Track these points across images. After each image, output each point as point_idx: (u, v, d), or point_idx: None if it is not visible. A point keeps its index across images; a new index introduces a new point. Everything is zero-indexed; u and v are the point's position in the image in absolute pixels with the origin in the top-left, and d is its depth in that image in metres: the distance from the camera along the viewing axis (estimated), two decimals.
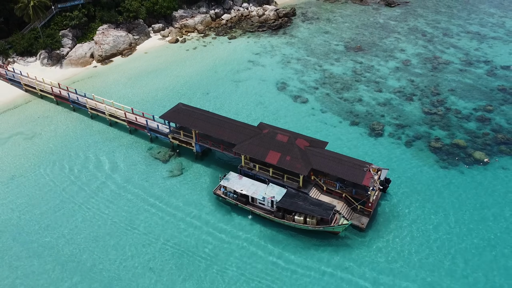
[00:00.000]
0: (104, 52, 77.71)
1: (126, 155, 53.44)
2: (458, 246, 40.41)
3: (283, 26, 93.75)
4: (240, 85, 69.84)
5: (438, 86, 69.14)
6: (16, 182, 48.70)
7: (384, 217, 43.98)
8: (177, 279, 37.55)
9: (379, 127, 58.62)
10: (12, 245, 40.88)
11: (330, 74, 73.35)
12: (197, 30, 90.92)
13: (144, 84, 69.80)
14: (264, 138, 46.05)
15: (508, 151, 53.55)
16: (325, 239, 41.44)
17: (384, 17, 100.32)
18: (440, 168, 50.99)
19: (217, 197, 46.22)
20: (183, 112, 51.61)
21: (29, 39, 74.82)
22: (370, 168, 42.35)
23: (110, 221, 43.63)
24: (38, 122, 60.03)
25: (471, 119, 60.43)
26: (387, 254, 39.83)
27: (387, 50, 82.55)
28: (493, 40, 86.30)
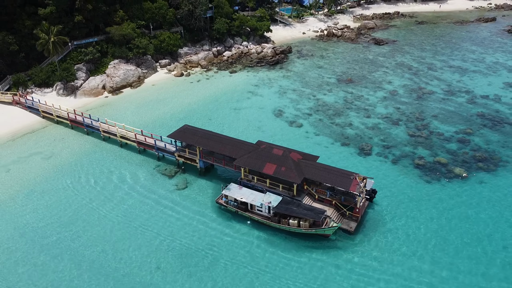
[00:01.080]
0: (115, 84, 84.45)
1: (136, 171, 58.43)
2: (435, 247, 44.63)
3: (280, 62, 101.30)
4: (240, 112, 75.90)
5: (422, 112, 75.16)
6: (36, 195, 53.42)
7: (371, 223, 48.35)
8: (181, 276, 41.48)
9: (368, 147, 63.93)
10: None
11: (323, 102, 79.62)
12: (200, 65, 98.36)
13: (152, 111, 75.84)
14: (261, 152, 51.29)
15: (485, 168, 58.56)
16: (317, 241, 45.62)
17: (373, 54, 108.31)
18: (423, 182, 55.81)
19: (219, 206, 50.77)
20: (188, 131, 57.21)
21: (47, 72, 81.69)
22: (356, 176, 47.28)
23: (118, 225, 47.99)
24: (55, 144, 65.41)
25: (452, 140, 65.86)
26: (373, 253, 43.90)
27: (375, 82, 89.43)
28: (474, 73, 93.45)
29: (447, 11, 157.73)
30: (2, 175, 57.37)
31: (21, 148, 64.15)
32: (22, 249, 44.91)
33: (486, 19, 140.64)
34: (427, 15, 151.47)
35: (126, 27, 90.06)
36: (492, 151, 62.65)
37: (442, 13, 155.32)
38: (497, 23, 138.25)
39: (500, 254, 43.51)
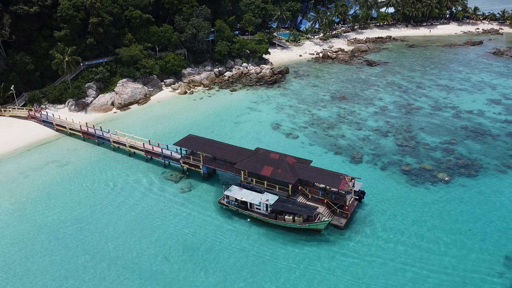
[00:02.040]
0: (123, 101, 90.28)
1: (144, 176, 63.30)
2: (418, 242, 49.11)
3: (277, 81, 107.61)
4: (240, 126, 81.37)
5: (410, 125, 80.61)
6: (53, 197, 58.22)
7: (360, 220, 52.88)
8: (187, 265, 45.83)
9: (359, 155, 69.01)
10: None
11: (318, 117, 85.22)
12: (203, 85, 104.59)
13: (158, 125, 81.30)
14: (259, 157, 56.37)
15: (466, 173, 63.44)
16: (310, 236, 50.02)
17: (365, 74, 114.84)
18: (409, 185, 60.57)
19: (221, 206, 55.42)
20: (193, 140, 62.53)
21: (59, 90, 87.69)
22: (345, 177, 52.19)
23: (130, 222, 52.54)
24: (68, 153, 70.51)
25: (437, 149, 70.99)
26: (362, 246, 48.25)
27: (367, 99, 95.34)
28: (460, 91, 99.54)
29: (437, 35, 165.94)
30: (21, 180, 62.24)
31: (37, 157, 69.24)
32: (40, 243, 49.20)
33: (473, 43, 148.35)
34: (417, 39, 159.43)
35: (134, 49, 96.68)
36: (474, 158, 67.66)
37: (432, 37, 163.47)
38: (483, 46, 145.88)
39: (477, 245, 47.97)
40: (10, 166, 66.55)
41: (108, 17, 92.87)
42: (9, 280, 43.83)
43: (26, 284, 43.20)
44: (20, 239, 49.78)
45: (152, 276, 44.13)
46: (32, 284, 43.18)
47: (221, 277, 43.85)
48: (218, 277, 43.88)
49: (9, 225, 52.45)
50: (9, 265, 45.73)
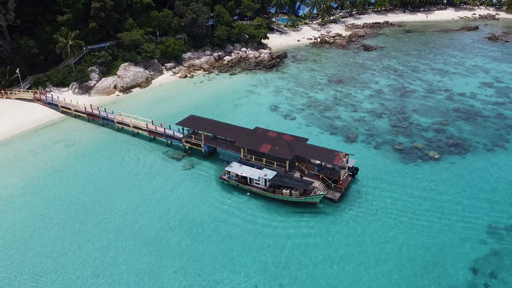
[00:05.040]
0: (125, 84, 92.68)
1: (148, 155, 66.23)
2: (408, 214, 52.32)
3: (276, 65, 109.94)
4: (239, 108, 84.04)
5: (404, 107, 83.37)
6: (62, 173, 61.16)
7: (353, 194, 55.96)
8: (190, 234, 49.00)
9: (353, 135, 71.90)
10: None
11: (315, 99, 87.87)
12: (202, 69, 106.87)
13: (159, 108, 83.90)
14: (258, 135, 59.22)
15: (456, 152, 66.43)
16: (306, 209, 53.15)
17: (362, 58, 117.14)
18: (401, 163, 63.58)
19: (223, 181, 58.46)
20: (194, 119, 65.31)
21: (63, 73, 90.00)
22: (340, 153, 55.13)
23: (136, 197, 55.62)
24: (74, 134, 73.26)
25: (429, 130, 73.87)
26: (355, 217, 51.40)
27: (363, 82, 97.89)
28: (454, 75, 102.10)
29: (434, 20, 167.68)
30: (30, 158, 65.12)
31: (45, 137, 72.02)
32: (51, 216, 52.18)
33: (469, 28, 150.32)
34: (414, 25, 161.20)
35: (135, 34, 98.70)
36: (464, 138, 70.60)
37: (429, 22, 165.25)
38: (479, 31, 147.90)
39: (464, 216, 51.19)
40: (19, 145, 69.35)
41: (110, 2, 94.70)
42: (21, 251, 46.89)
43: (38, 254, 46.31)
44: (32, 213, 52.75)
45: (157, 243, 47.29)
46: (44, 254, 46.29)
47: (222, 245, 46.98)
48: (219, 245, 47.03)
49: (20, 199, 55.40)
50: (22, 235, 48.75)
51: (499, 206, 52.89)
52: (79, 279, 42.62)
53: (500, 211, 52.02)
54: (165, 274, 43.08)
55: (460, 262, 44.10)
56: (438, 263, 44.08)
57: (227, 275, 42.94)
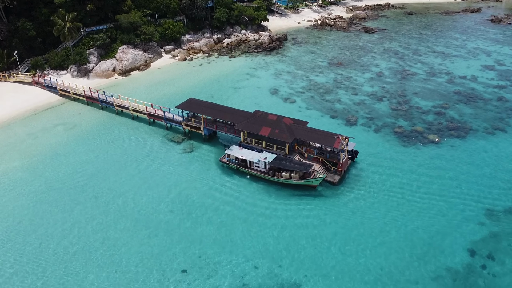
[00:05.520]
0: (124, 67, 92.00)
1: (148, 138, 66.23)
2: (407, 196, 52.57)
3: (276, 48, 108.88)
4: (239, 91, 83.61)
5: (404, 90, 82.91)
6: (63, 155, 61.32)
7: (352, 177, 56.10)
8: (190, 216, 49.35)
9: (354, 119, 71.71)
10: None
11: (315, 82, 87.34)
12: (202, 51, 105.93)
13: (159, 91, 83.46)
14: (258, 118, 59.05)
15: (456, 135, 66.31)
16: (306, 191, 53.35)
17: (363, 41, 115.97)
18: (401, 146, 63.55)
19: (222, 164, 58.56)
20: (194, 102, 65.03)
21: (61, 56, 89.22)
22: (339, 136, 55.06)
23: (135, 179, 55.78)
24: (74, 117, 73.05)
25: (430, 113, 73.60)
26: (354, 200, 51.66)
27: (364, 65, 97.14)
28: (455, 58, 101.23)
29: (436, 2, 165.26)
30: (31, 141, 65.13)
31: (44, 120, 71.85)
32: (52, 198, 52.48)
33: (472, 10, 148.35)
34: (416, 7, 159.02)
35: (134, 15, 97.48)
36: (464, 121, 70.42)
37: (431, 4, 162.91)
38: (482, 14, 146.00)
39: (462, 198, 51.46)
40: (19, 129, 69.24)
41: None
42: (23, 230, 47.24)
43: (39, 237, 46.67)
44: (32, 196, 52.96)
45: (157, 225, 47.65)
46: (45, 236, 46.64)
47: (221, 228, 47.36)
48: (219, 227, 47.39)
49: (22, 182, 55.61)
50: (23, 218, 49.07)
51: (498, 189, 53.11)
52: (79, 260, 43.07)
53: (499, 193, 52.26)
54: (165, 256, 43.53)
55: (458, 244, 44.50)
56: (436, 244, 44.48)
57: (227, 256, 43.38)
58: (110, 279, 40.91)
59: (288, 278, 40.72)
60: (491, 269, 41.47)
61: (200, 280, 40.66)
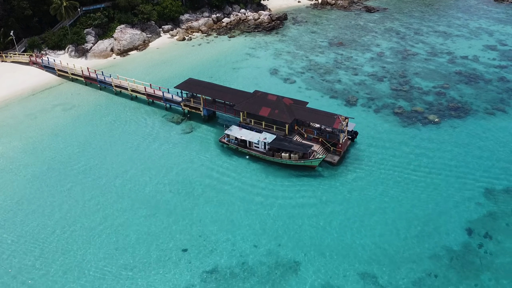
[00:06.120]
0: (122, 47, 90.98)
1: (147, 119, 65.97)
2: (406, 175, 52.70)
3: (275, 28, 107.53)
4: (239, 71, 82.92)
5: (405, 70, 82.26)
6: (62, 136, 61.21)
7: (352, 158, 56.16)
8: (190, 196, 49.57)
9: (354, 99, 71.35)
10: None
11: (315, 63, 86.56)
12: (201, 31, 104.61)
13: (158, 71, 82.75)
14: (257, 98, 58.70)
15: (456, 115, 66.14)
16: (305, 172, 53.46)
17: (364, 20, 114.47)
18: (401, 126, 63.42)
19: (222, 144, 58.52)
20: (193, 83, 64.53)
21: (59, 36, 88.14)
22: (339, 116, 54.85)
23: (135, 161, 55.85)
24: (72, 98, 72.60)
25: (430, 93, 73.21)
26: (353, 179, 51.83)
27: (364, 45, 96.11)
28: (457, 37, 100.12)
29: None
30: (30, 121, 64.94)
31: (43, 101, 71.44)
32: (52, 178, 52.59)
33: None
34: None
35: None
36: (465, 102, 70.11)
37: None
38: None
39: (461, 178, 51.65)
40: (17, 109, 68.92)
41: None
42: (22, 210, 47.52)
43: (40, 214, 47.00)
44: (32, 176, 53.07)
45: (157, 205, 47.91)
46: (45, 215, 46.96)
47: (221, 207, 47.64)
48: (219, 207, 47.68)
49: (21, 162, 55.65)
50: (22, 198, 49.26)
51: (497, 169, 53.27)
52: (80, 237, 43.47)
53: (497, 174, 52.43)
54: (164, 235, 43.90)
55: (455, 223, 44.88)
56: (434, 223, 44.84)
57: (227, 235, 43.76)
58: (109, 257, 41.33)
59: (287, 257, 41.16)
60: (488, 248, 41.90)
61: (200, 258, 41.11)
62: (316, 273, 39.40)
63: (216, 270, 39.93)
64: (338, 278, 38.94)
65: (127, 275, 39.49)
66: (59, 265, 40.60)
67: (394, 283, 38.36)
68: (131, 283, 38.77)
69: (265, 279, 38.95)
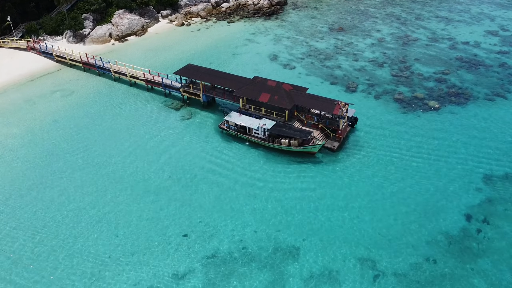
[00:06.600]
0: (121, 32, 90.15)
1: (146, 105, 65.74)
2: (406, 161, 52.81)
3: (275, 13, 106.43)
4: (238, 57, 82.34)
5: (406, 56, 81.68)
6: (61, 122, 61.15)
7: (352, 144, 56.15)
8: (189, 182, 49.71)
9: (354, 85, 71.01)
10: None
11: (315, 48, 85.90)
12: (200, 16, 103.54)
13: (156, 57, 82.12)
14: (257, 84, 58.42)
15: (456, 101, 65.93)
16: (305, 158, 53.51)
17: (365, 5, 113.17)
18: (400, 112, 63.27)
19: (222, 131, 58.44)
20: (192, 68, 64.16)
21: (56, 21, 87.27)
22: (339, 102, 54.66)
23: (134, 146, 55.84)
24: (71, 84, 72.21)
25: (431, 79, 72.84)
26: (353, 166, 51.90)
27: (365, 30, 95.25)
28: (458, 23, 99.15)
29: None
30: (28, 108, 64.72)
31: (41, 87, 71.10)
32: (51, 166, 52.57)
33: None
34: None
35: None
36: (465, 88, 69.80)
37: None
38: None
39: (461, 164, 51.77)
40: (16, 95, 68.62)
41: None
42: (21, 196, 47.73)
43: (40, 199, 47.18)
44: (32, 162, 53.16)
45: (157, 191, 48.10)
46: (46, 202, 47.16)
47: (221, 194, 47.84)
48: (219, 193, 47.87)
49: (21, 148, 55.67)
50: (22, 184, 49.43)
51: (496, 155, 53.36)
52: (80, 223, 43.74)
53: (497, 160, 52.55)
54: (164, 220, 44.19)
55: (454, 208, 45.16)
56: (433, 209, 45.11)
57: (227, 221, 44.04)
58: (109, 243, 41.62)
59: (287, 242, 41.49)
60: (486, 233, 42.23)
61: (200, 243, 41.44)
62: (315, 258, 39.75)
63: (216, 255, 40.27)
64: (337, 263, 39.30)
65: (127, 261, 39.81)
66: (60, 251, 40.93)
67: (393, 268, 38.74)
68: (131, 268, 39.11)
69: (265, 263, 39.31)
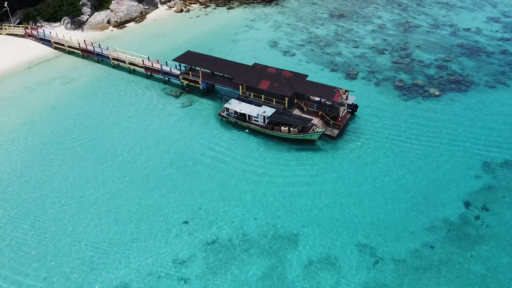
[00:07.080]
0: (119, 19, 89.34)
1: (145, 92, 65.46)
2: (406, 148, 52.84)
3: None
4: (238, 44, 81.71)
5: (407, 43, 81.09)
6: (60, 110, 60.96)
7: (352, 131, 56.09)
8: (189, 170, 49.78)
9: (354, 72, 70.65)
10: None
11: (315, 35, 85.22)
12: (199, 2, 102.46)
13: (155, 44, 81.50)
14: (257, 71, 58.09)
15: (457, 89, 65.66)
16: (304, 146, 53.48)
17: None
18: (401, 100, 63.06)
19: (221, 118, 58.31)
20: (191, 55, 63.71)
21: (54, 7, 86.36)
22: (339, 89, 54.43)
23: (134, 133, 55.78)
24: (70, 71, 71.79)
25: (431, 66, 72.43)
26: (353, 153, 51.91)
27: (366, 17, 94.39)
28: (460, 9, 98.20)
29: None
30: (27, 95, 64.47)
31: (40, 74, 70.68)
32: (51, 152, 52.65)
33: None
34: None
35: None
36: (466, 75, 69.46)
37: None
38: None
39: (460, 151, 51.80)
40: (14, 82, 68.26)
41: None
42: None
43: (40, 187, 47.28)
44: (32, 149, 53.15)
45: (157, 179, 48.20)
46: (44, 188, 47.27)
47: (221, 181, 47.94)
48: (218, 181, 47.98)
49: (20, 136, 55.58)
50: (23, 172, 49.52)
51: (496, 142, 53.35)
52: (81, 210, 43.93)
53: (497, 147, 52.55)
54: (165, 207, 44.37)
55: (453, 195, 45.32)
56: (432, 195, 45.30)
57: (227, 208, 44.24)
58: (110, 230, 41.85)
59: (286, 228, 41.74)
60: (484, 220, 42.46)
61: (200, 230, 41.68)
62: (314, 244, 40.04)
63: (217, 241, 40.54)
64: (336, 249, 39.59)
65: (128, 248, 40.07)
66: (59, 238, 41.17)
67: (391, 254, 39.03)
68: (132, 255, 39.40)
69: (265, 249, 39.60)
